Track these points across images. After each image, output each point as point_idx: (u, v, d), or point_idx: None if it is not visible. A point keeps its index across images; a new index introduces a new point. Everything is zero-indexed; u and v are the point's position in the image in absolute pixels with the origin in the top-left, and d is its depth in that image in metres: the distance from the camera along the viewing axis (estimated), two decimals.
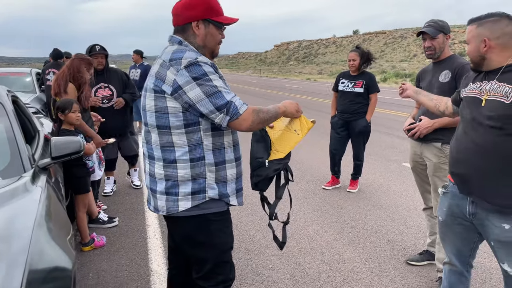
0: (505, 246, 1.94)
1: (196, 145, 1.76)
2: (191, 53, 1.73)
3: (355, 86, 4.77)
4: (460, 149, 2.04)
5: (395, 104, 14.46)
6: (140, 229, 3.88)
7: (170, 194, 1.80)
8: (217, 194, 1.82)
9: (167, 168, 1.78)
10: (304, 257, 3.34)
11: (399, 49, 70.23)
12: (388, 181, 5.46)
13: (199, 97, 1.67)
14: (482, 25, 1.94)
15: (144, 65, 8.44)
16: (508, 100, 1.83)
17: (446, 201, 2.20)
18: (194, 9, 1.79)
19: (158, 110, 1.74)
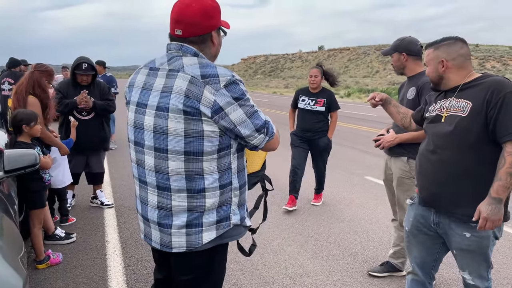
0: (466, 254, 2.05)
1: (226, 170, 1.61)
2: (224, 69, 1.55)
3: (316, 105, 4.75)
4: (422, 163, 2.17)
5: (359, 119, 14.84)
6: (99, 246, 3.74)
7: (192, 226, 1.59)
8: (239, 219, 1.68)
9: (193, 199, 1.57)
10: (268, 272, 3.33)
11: (362, 65, 72.44)
12: (351, 194, 5.56)
13: (241, 119, 1.52)
14: (438, 48, 2.11)
15: (107, 76, 8.28)
16: (465, 113, 1.96)
17: (412, 212, 2.29)
18: (213, 18, 1.60)
19: (189, 135, 1.50)
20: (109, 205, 4.79)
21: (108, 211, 4.66)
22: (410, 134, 2.81)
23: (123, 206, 4.81)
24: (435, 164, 2.08)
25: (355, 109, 19.43)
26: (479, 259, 2.06)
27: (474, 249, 2.03)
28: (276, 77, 76.69)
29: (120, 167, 6.91)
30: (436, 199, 2.11)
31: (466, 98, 2.00)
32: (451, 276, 3.30)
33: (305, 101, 4.81)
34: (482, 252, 2.05)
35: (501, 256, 3.67)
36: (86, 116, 4.41)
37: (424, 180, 2.16)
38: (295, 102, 4.95)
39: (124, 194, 5.33)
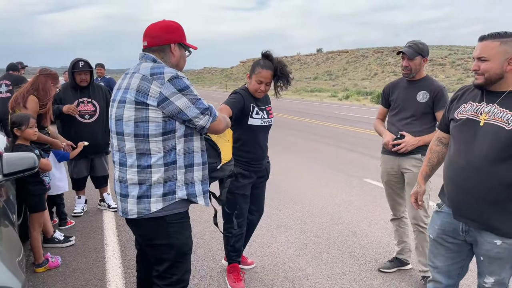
0: (494, 261, 1.99)
1: (170, 151, 1.96)
2: (169, 68, 1.95)
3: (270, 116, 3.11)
4: (455, 171, 2.03)
5: (357, 121, 14.86)
6: (98, 249, 3.74)
7: (143, 197, 1.96)
8: (186, 194, 2.01)
9: (141, 174, 1.95)
10: (267, 275, 3.32)
11: (361, 68, 72.56)
12: (350, 197, 5.56)
13: (186, 104, 1.90)
14: (507, 43, 1.88)
15: (107, 78, 8.35)
16: (509, 126, 1.85)
17: (438, 219, 2.19)
18: (172, 33, 2.05)
19: (138, 120, 1.91)
20: (115, 208, 4.76)
21: (107, 214, 4.65)
22: (432, 135, 2.85)
23: None
24: (470, 176, 1.95)
25: (353, 111, 19.45)
26: (506, 266, 2.00)
27: (504, 257, 1.97)
28: None
29: None
30: (469, 211, 1.99)
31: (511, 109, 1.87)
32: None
33: (259, 114, 3.01)
34: (511, 260, 1.99)
35: None
36: (89, 119, 4.40)
37: (458, 192, 2.02)
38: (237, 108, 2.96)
39: None
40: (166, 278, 2.09)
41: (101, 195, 4.83)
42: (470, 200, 1.97)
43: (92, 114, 4.41)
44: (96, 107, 4.43)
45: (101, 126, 4.47)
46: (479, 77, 1.95)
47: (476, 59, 1.95)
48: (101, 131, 4.47)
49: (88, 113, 4.38)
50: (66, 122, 4.33)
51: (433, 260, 2.24)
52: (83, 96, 4.37)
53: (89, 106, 4.40)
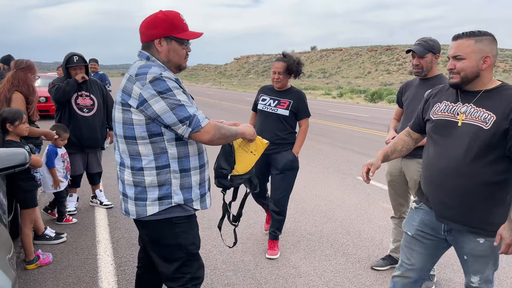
0: (479, 259, 2.00)
1: (161, 154, 1.89)
2: (156, 68, 1.85)
3: (278, 106, 3.50)
4: (434, 173, 2.02)
5: (351, 119, 14.90)
6: (90, 246, 3.71)
7: (139, 199, 1.93)
8: (182, 199, 1.95)
9: (135, 175, 1.92)
10: (261, 272, 3.32)
11: (355, 66, 72.75)
12: (344, 195, 5.57)
13: (163, 109, 1.80)
14: (482, 42, 1.87)
15: (100, 74, 8.31)
16: (487, 126, 1.84)
17: (417, 216, 2.18)
18: (156, 28, 1.92)
19: (125, 122, 1.87)
20: (108, 205, 4.73)
21: (99, 211, 4.62)
22: None
23: (115, 206, 4.77)
24: (450, 177, 1.95)
25: (347, 109, 19.51)
26: (490, 263, 2.02)
27: (488, 254, 1.98)
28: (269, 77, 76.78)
29: (112, 166, 6.85)
30: (450, 212, 2.00)
31: (489, 109, 1.86)
32: (449, 277, 3.31)
33: (265, 101, 3.56)
34: (494, 256, 2.01)
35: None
36: (88, 113, 4.33)
37: (439, 194, 2.02)
38: (255, 104, 3.73)
39: (116, 193, 5.28)
40: (179, 278, 2.04)
41: (94, 191, 4.79)
42: (451, 202, 1.98)
43: (91, 108, 4.36)
44: (94, 101, 4.38)
45: (99, 121, 4.42)
46: (455, 76, 1.94)
47: (451, 58, 1.94)
48: (99, 125, 4.43)
49: (86, 106, 4.33)
50: (65, 116, 4.25)
51: (409, 257, 2.22)
52: (81, 89, 4.30)
53: (87, 100, 4.35)
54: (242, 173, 2.21)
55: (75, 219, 4.31)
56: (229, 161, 2.19)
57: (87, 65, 4.35)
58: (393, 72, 59.55)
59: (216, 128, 1.91)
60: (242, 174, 2.21)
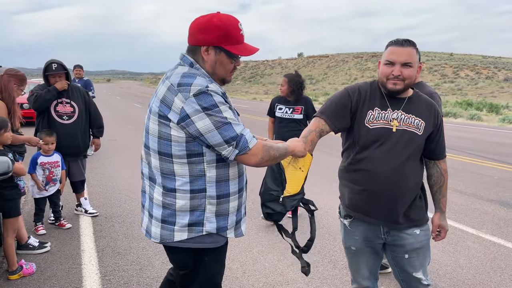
0: (420, 252, 2.10)
1: (198, 177, 1.69)
2: (202, 79, 1.64)
3: (294, 113, 4.61)
4: (378, 180, 2.00)
5: None
6: (74, 255, 3.65)
7: (167, 223, 1.74)
8: (215, 228, 1.76)
9: (166, 196, 1.73)
10: (248, 279, 3.30)
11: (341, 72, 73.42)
12: (330, 201, 5.59)
13: (208, 128, 1.60)
14: (417, 51, 1.99)
15: (84, 80, 8.25)
16: (420, 131, 2.01)
17: (357, 229, 2.17)
18: (207, 33, 1.69)
19: (161, 136, 1.68)
20: (93, 214, 4.66)
21: (84, 219, 4.55)
22: None
23: (100, 214, 4.70)
24: (394, 180, 1.98)
25: None
26: (427, 254, 2.16)
27: (425, 244, 2.13)
28: (256, 83, 76.90)
29: (97, 174, 6.78)
30: (393, 215, 2.04)
31: (417, 115, 2.02)
32: None
33: (282, 109, 4.69)
34: (428, 246, 2.16)
35: (477, 262, 3.74)
36: (67, 120, 4.26)
37: (382, 199, 2.02)
38: (271, 111, 4.82)
39: (101, 201, 5.21)
40: None
41: (78, 200, 4.72)
42: (395, 205, 2.03)
43: (71, 116, 4.29)
44: (75, 108, 4.32)
45: (80, 128, 4.35)
46: (399, 82, 1.96)
47: (399, 64, 1.94)
48: (80, 133, 4.35)
49: (66, 114, 4.26)
50: (43, 123, 4.20)
51: (359, 271, 2.23)
52: (61, 96, 4.24)
53: (67, 107, 4.28)
54: (293, 193, 1.97)
55: (68, 224, 4.28)
56: (278, 182, 1.97)
57: (67, 72, 4.26)
58: None
59: (265, 150, 1.71)
60: (294, 194, 1.97)
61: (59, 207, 4.31)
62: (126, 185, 6.05)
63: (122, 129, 12.76)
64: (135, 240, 3.97)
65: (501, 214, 5.04)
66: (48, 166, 4.04)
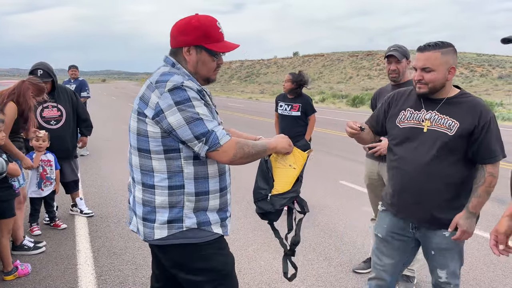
0: (445, 253, 2.13)
1: (176, 173, 1.69)
2: (179, 76, 1.67)
3: (292, 110, 4.89)
4: (404, 177, 2.13)
5: (333, 124, 15.04)
6: (70, 255, 3.64)
7: (147, 220, 1.74)
8: (195, 222, 1.72)
9: (145, 193, 1.73)
10: (243, 278, 3.31)
11: (336, 71, 73.55)
12: (325, 199, 5.62)
13: (179, 123, 1.61)
14: (448, 54, 2.00)
15: (79, 80, 8.24)
16: (452, 132, 2.00)
17: (386, 218, 2.29)
18: (187, 35, 1.74)
19: (140, 133, 1.70)
20: (88, 214, 4.66)
21: (79, 220, 4.55)
22: None
23: (95, 214, 4.70)
24: (419, 179, 2.08)
25: (329, 114, 19.69)
26: (456, 257, 2.15)
27: (453, 247, 2.12)
28: (251, 83, 76.93)
29: (92, 174, 6.77)
30: (419, 212, 2.12)
31: (452, 116, 2.01)
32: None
33: (282, 106, 4.97)
34: (459, 249, 2.15)
35: (471, 258, 3.78)
36: (56, 125, 4.24)
37: (408, 195, 2.14)
38: (276, 107, 5.12)
39: (96, 201, 5.21)
40: None
41: (73, 200, 4.71)
42: (421, 202, 2.10)
43: (59, 120, 4.25)
44: (62, 112, 4.28)
45: (68, 131, 4.33)
46: (423, 86, 2.05)
47: (419, 69, 2.04)
48: (69, 135, 4.34)
49: (53, 118, 4.22)
50: None
51: (381, 258, 2.33)
52: (48, 100, 4.12)
53: (54, 111, 4.24)
54: (282, 191, 1.91)
55: (64, 224, 4.28)
56: (266, 179, 1.92)
57: (52, 79, 4.15)
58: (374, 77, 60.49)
59: (238, 147, 1.67)
60: (283, 192, 1.90)
61: (53, 208, 4.30)
62: (121, 185, 6.04)
63: (117, 129, 12.73)
64: (131, 240, 3.97)
65: (494, 210, 5.08)
66: (42, 163, 4.03)
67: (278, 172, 1.92)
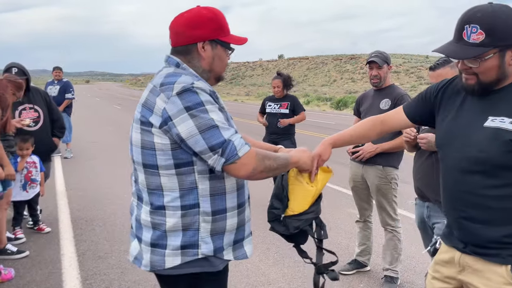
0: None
1: (190, 190, 1.46)
2: (187, 77, 1.46)
3: (281, 108, 5.15)
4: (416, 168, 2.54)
5: (317, 126, 15.16)
6: (54, 259, 3.60)
7: (157, 246, 1.49)
8: (212, 250, 1.50)
9: (154, 215, 1.49)
10: (230, 281, 3.30)
11: (321, 74, 74.08)
12: None
13: (190, 132, 1.38)
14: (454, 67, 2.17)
15: (63, 81, 8.16)
16: None
17: (416, 211, 2.64)
18: (201, 28, 1.53)
19: (144, 146, 1.46)
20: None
21: (64, 223, 4.50)
22: (390, 143, 3.03)
23: (80, 218, 4.66)
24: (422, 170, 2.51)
25: (314, 116, 19.83)
26: None
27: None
28: (237, 85, 76.92)
29: (77, 176, 6.69)
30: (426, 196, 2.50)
31: None
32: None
33: (271, 106, 5.26)
34: None
35: None
36: (35, 126, 4.17)
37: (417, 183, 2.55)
38: (263, 107, 5.38)
39: (81, 205, 5.16)
40: None
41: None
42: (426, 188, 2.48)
43: (37, 121, 4.19)
44: (39, 113, 4.21)
45: (47, 131, 4.28)
46: None
47: None
48: (48, 136, 4.29)
49: (32, 120, 4.15)
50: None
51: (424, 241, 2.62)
52: (23, 102, 4.08)
53: (31, 112, 4.17)
54: (298, 212, 1.66)
55: (48, 228, 4.23)
56: (280, 198, 1.68)
57: (27, 78, 4.08)
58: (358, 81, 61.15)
59: (258, 158, 1.44)
60: (299, 213, 1.66)
61: (37, 211, 4.25)
62: (106, 187, 5.99)
63: (102, 131, 12.60)
64: (117, 243, 3.95)
65: None
66: (27, 165, 3.98)
67: (295, 189, 1.68)
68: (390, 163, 3.14)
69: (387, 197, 3.17)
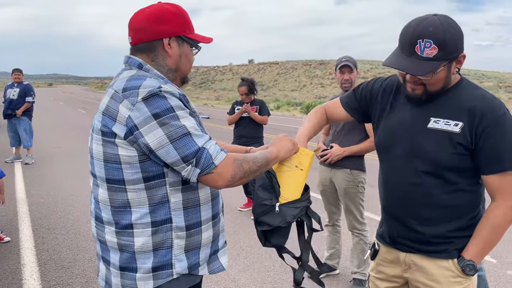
0: None
1: (160, 204, 1.32)
2: (153, 80, 1.31)
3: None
4: None
5: (287, 131, 15.25)
6: (14, 270, 3.44)
7: (127, 269, 1.35)
8: (186, 267, 1.37)
9: (121, 235, 1.34)
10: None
11: (291, 79, 74.89)
12: None
13: (160, 142, 1.24)
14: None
15: (24, 84, 7.89)
16: None
17: None
18: (167, 23, 1.39)
19: (108, 159, 1.30)
20: None
21: (24, 232, 4.30)
22: (358, 146, 3.08)
23: (41, 226, 4.47)
24: None
25: (284, 121, 19.98)
26: None
27: None
28: (207, 89, 76.64)
29: (38, 183, 6.44)
30: None
31: None
32: None
33: (239, 109, 5.26)
34: None
35: None
36: None
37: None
38: (232, 111, 5.37)
39: (43, 212, 4.95)
40: None
41: None
42: None
43: None
44: None
45: None
46: None
47: None
48: None
49: None
50: None
51: None
52: None
53: None
54: (292, 199, 1.54)
55: (7, 237, 4.04)
56: (268, 189, 1.56)
57: None
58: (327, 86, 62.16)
59: (236, 165, 1.31)
60: (294, 201, 1.54)
61: None
62: (69, 194, 5.79)
63: (65, 136, 12.21)
64: (81, 252, 3.81)
65: None
66: None
67: (284, 176, 1.57)
68: (358, 166, 3.18)
69: (354, 200, 3.21)
